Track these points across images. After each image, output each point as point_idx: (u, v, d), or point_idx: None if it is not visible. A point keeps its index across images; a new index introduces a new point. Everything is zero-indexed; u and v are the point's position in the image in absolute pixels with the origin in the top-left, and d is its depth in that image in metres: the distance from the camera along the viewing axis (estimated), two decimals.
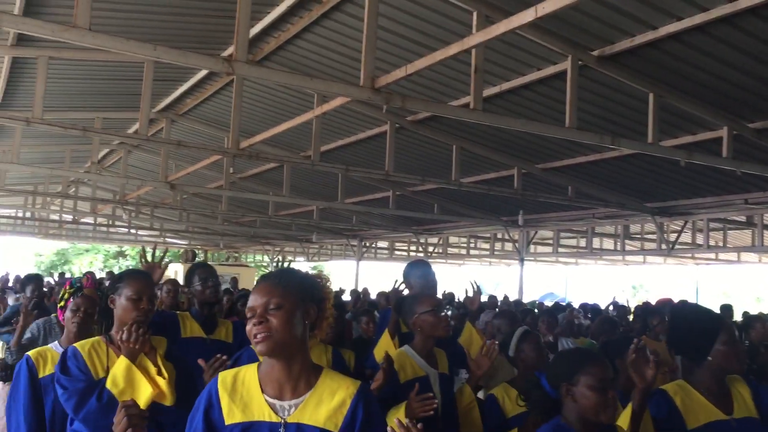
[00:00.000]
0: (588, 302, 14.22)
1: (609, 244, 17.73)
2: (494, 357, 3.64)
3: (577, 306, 13.95)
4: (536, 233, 15.24)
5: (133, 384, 2.78)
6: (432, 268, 4.38)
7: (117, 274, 3.22)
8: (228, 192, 12.18)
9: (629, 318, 10.34)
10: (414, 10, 5.89)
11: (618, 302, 13.31)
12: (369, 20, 4.87)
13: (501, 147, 9.29)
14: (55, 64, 7.34)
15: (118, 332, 2.88)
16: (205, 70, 8.30)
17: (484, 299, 15.52)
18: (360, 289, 15.79)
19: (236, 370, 2.13)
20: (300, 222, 16.61)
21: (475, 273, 28.68)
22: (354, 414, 2.03)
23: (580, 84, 5.99)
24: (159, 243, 27.79)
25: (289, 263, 4.09)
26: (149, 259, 3.67)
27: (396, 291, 4.18)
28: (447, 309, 8.71)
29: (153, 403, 2.80)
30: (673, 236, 12.84)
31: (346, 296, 15.42)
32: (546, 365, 3.92)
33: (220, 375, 2.12)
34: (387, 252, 22.73)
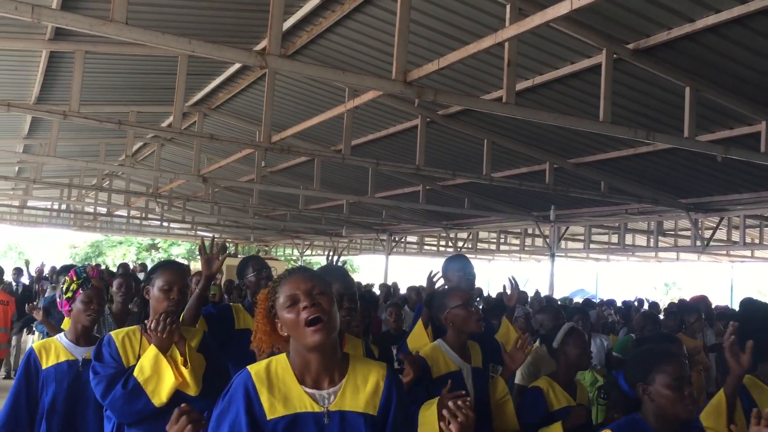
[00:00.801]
0: (614, 299, 14.07)
1: (641, 241, 17.50)
2: (529, 351, 3.62)
3: (602, 302, 13.80)
4: (567, 229, 15.10)
5: (159, 373, 2.83)
6: (471, 263, 4.34)
7: (152, 267, 3.27)
8: (259, 185, 12.26)
9: (660, 315, 10.21)
10: (447, 3, 5.86)
11: (643, 299, 13.17)
12: (401, 13, 4.86)
13: (533, 141, 9.22)
14: (91, 59, 7.45)
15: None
16: (238, 64, 8.37)
17: None
18: (389, 284, 15.82)
19: (266, 363, 2.10)
20: (330, 216, 16.68)
21: (505, 269, 28.51)
22: (389, 395, 2.08)
23: (615, 78, 5.91)
24: (191, 236, 28.16)
25: (338, 258, 4.05)
26: (207, 251, 3.68)
27: (430, 282, 4.15)
28: (478, 303, 8.69)
29: (177, 392, 2.84)
30: (708, 233, 12.64)
31: (376, 290, 15.46)
32: (588, 363, 3.94)
33: (252, 368, 2.09)
34: (416, 247, 22.71)
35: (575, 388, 3.91)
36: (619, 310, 11.44)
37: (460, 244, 18.81)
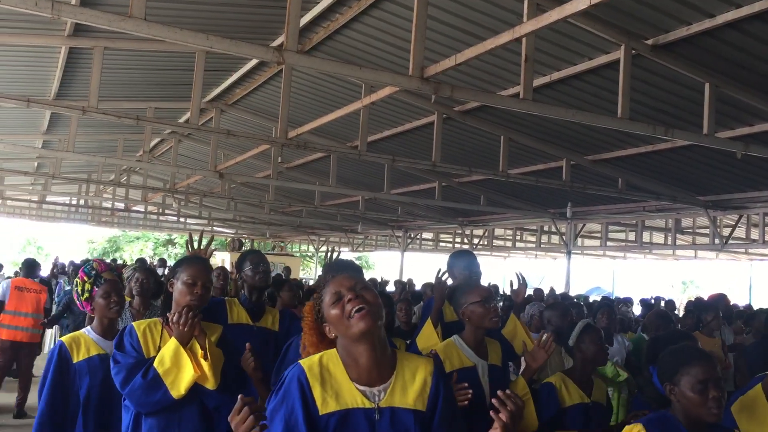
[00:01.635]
0: (631, 297, 13.99)
1: (659, 238, 17.37)
2: (551, 350, 3.62)
3: (619, 300, 13.72)
4: (584, 226, 15.02)
5: (179, 365, 2.86)
6: (476, 259, 4.36)
7: (177, 261, 3.30)
8: (275, 181, 12.30)
9: (675, 313, 10.16)
10: None
11: (661, 298, 13.08)
12: (418, 9, 4.85)
13: (550, 138, 9.17)
14: (110, 55, 7.50)
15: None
16: (255, 61, 8.40)
17: (530, 292, 15.41)
18: (404, 280, 15.82)
19: (317, 358, 2.13)
20: (345, 212, 16.69)
21: (521, 266, 28.42)
22: (437, 390, 2.11)
23: (633, 74, 5.86)
24: (207, 231, 28.28)
25: (338, 255, 4.10)
26: (195, 246, 3.73)
27: (439, 280, 4.16)
28: (499, 300, 8.66)
29: (195, 385, 2.88)
30: (727, 231, 12.52)
31: (390, 287, 15.47)
32: (606, 360, 3.94)
33: (304, 363, 2.11)
34: (431, 243, 22.68)
35: (592, 385, 3.90)
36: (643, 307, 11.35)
37: (476, 241, 18.78)
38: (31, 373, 8.27)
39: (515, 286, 4.50)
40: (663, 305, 11.79)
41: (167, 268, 14.97)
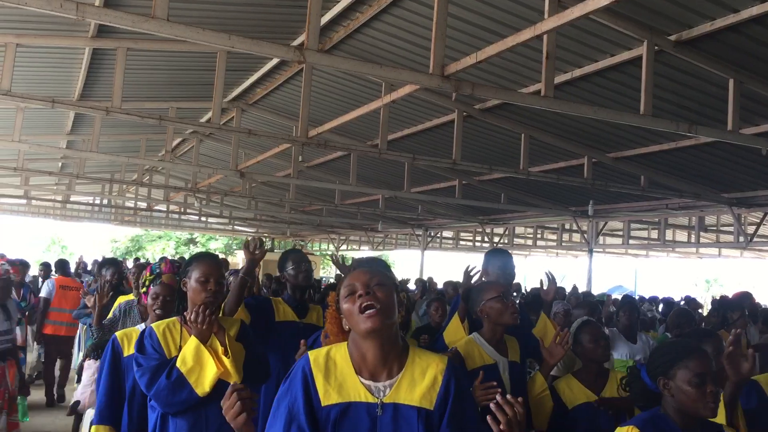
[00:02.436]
0: (656, 296, 13.86)
1: (682, 236, 17.20)
2: (569, 347, 3.59)
3: (648, 298, 13.60)
4: (606, 224, 14.91)
5: (201, 363, 2.89)
6: (512, 259, 4.29)
7: (188, 259, 3.34)
8: (296, 180, 12.35)
9: (700, 312, 10.05)
10: None
11: (692, 298, 12.92)
12: (439, 7, 4.84)
13: (571, 135, 9.12)
14: (133, 55, 7.58)
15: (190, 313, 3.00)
16: (275, 60, 8.44)
17: None
18: (425, 279, 15.80)
19: (326, 350, 2.14)
20: (365, 211, 16.72)
21: (542, 264, 28.26)
22: (447, 390, 2.07)
23: (656, 70, 5.81)
24: (228, 231, 28.48)
25: (342, 257, 4.15)
26: (250, 248, 3.84)
27: (467, 276, 4.13)
28: (517, 297, 8.62)
29: (220, 381, 2.89)
30: (751, 228, 12.36)
31: (411, 285, 15.46)
32: (607, 356, 3.84)
33: (311, 355, 2.12)
34: (452, 242, 22.65)
35: (604, 383, 3.71)
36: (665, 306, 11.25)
37: (496, 240, 18.71)
38: (71, 362, 8.99)
39: (545, 286, 4.47)
40: (683, 304, 11.65)
41: None
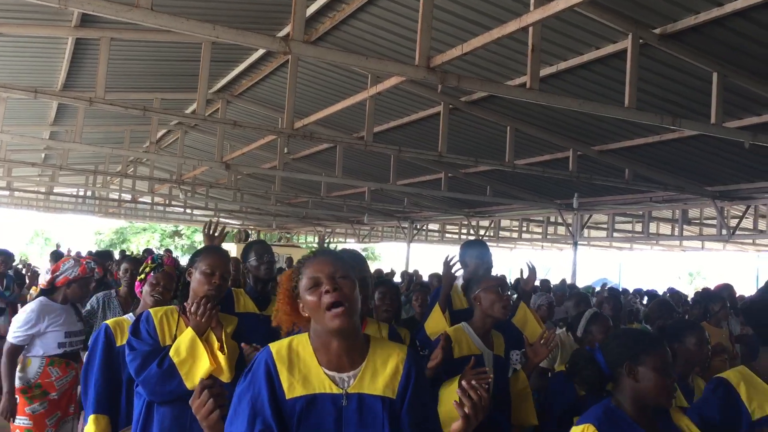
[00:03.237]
0: (641, 288, 13.97)
1: (666, 229, 17.33)
2: (554, 347, 3.62)
3: (626, 291, 13.71)
4: (590, 217, 15.00)
5: (195, 356, 2.85)
6: (488, 250, 4.34)
7: (196, 250, 3.31)
8: (281, 172, 12.31)
9: (688, 302, 10.14)
10: None
11: (675, 290, 13.04)
12: None
13: (556, 128, 9.15)
14: (117, 46, 7.51)
15: (190, 304, 2.97)
16: (261, 51, 8.40)
17: (536, 283, 15.40)
18: (411, 271, 15.84)
19: (287, 342, 2.11)
20: (351, 203, 16.71)
21: (527, 257, 28.38)
22: (408, 378, 2.08)
23: (641, 63, 5.84)
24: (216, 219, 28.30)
25: (334, 245, 4.11)
26: (212, 233, 3.77)
27: (447, 265, 4.15)
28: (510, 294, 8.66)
29: (210, 377, 2.85)
30: (734, 221, 12.48)
31: (397, 278, 15.49)
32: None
33: (273, 347, 2.09)
34: (438, 234, 22.69)
35: None
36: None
37: (482, 232, 18.78)
38: None
39: (525, 275, 4.51)
40: (668, 296, 11.75)
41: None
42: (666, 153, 9.34)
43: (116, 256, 12.00)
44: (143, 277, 3.73)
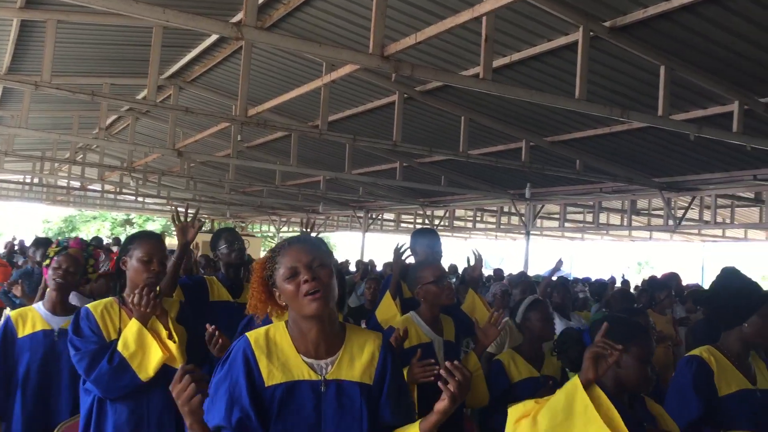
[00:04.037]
0: (589, 277, 14.24)
1: (615, 220, 17.70)
2: (503, 328, 3.68)
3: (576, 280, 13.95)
4: (543, 207, 15.22)
5: (144, 347, 2.79)
6: (439, 238, 4.41)
7: (129, 236, 3.21)
8: (235, 160, 12.16)
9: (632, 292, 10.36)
10: None
11: (615, 278, 13.31)
12: None
13: (509, 119, 9.25)
14: (64, 28, 7.30)
15: (130, 294, 2.88)
16: (214, 37, 8.28)
17: (489, 272, 15.59)
18: (366, 261, 15.86)
19: (264, 330, 2.13)
20: (306, 192, 16.63)
21: (481, 247, 28.71)
22: (384, 365, 2.14)
23: (591, 55, 5.93)
24: (166, 211, 27.91)
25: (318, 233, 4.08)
26: (182, 219, 3.66)
27: (397, 253, 4.20)
28: (452, 279, 8.75)
29: (164, 366, 2.81)
30: (680, 212, 12.81)
31: (352, 267, 15.50)
32: (552, 335, 3.98)
33: (250, 336, 2.10)
34: (393, 224, 22.76)
35: (542, 360, 3.97)
36: (593, 288, 11.57)
37: (437, 222, 18.90)
38: None
39: (472, 263, 4.58)
40: (619, 285, 12.02)
41: None
42: (615, 145, 9.52)
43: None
44: (48, 263, 3.57)
